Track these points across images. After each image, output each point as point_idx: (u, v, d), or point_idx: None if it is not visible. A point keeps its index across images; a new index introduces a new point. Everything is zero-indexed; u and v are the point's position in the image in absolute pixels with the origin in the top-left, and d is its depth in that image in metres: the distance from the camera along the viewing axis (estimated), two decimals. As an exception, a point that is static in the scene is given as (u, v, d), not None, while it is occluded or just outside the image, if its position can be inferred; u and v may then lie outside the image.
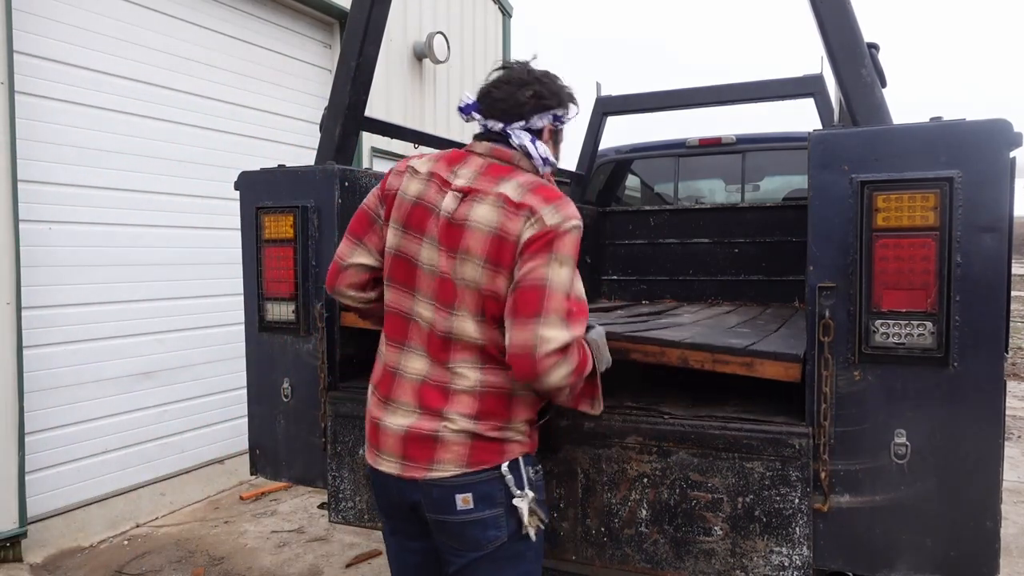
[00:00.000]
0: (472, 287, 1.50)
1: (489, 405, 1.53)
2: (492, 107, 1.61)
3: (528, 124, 1.60)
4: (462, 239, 1.51)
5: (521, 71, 1.62)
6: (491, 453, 1.52)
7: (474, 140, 1.66)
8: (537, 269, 1.45)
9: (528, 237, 1.46)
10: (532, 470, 1.59)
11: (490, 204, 1.50)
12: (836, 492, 1.66)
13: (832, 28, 1.81)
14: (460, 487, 1.51)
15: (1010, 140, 1.52)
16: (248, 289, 2.34)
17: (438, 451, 1.51)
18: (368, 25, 2.41)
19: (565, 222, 1.47)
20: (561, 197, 1.52)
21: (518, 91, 1.59)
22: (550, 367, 1.42)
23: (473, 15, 7.94)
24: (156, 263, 4.50)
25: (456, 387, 1.53)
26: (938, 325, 1.55)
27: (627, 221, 4.07)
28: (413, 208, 1.59)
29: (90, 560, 3.74)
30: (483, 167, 1.58)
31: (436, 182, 1.58)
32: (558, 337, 1.42)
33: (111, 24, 4.23)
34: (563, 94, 1.64)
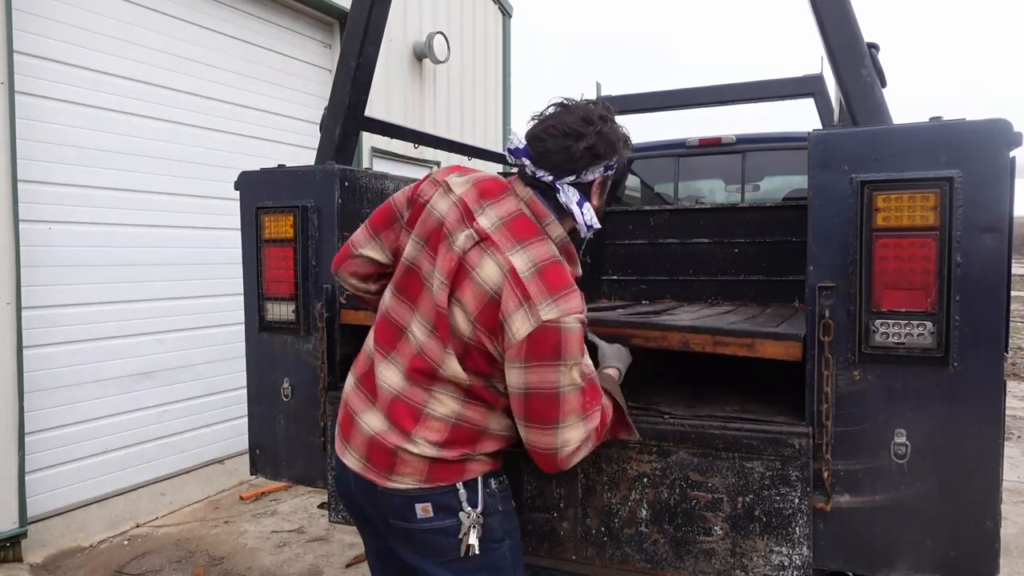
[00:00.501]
0: (458, 335, 1.49)
1: (458, 435, 1.52)
2: (543, 158, 1.52)
3: (579, 179, 1.52)
4: (462, 287, 1.47)
5: (577, 118, 1.51)
6: (449, 473, 1.52)
7: (519, 178, 1.58)
8: (547, 377, 1.42)
9: (522, 333, 1.40)
10: (495, 482, 1.59)
11: (497, 265, 1.45)
12: (836, 492, 1.66)
13: (832, 28, 1.81)
14: (419, 498, 1.52)
15: (1010, 140, 1.52)
16: (248, 289, 2.34)
17: (397, 465, 1.52)
18: (368, 25, 2.41)
19: (563, 318, 1.40)
20: (567, 287, 1.44)
21: (574, 144, 1.49)
22: (574, 460, 1.52)
23: (473, 15, 7.94)
24: (156, 263, 4.51)
25: (430, 411, 1.52)
26: (938, 325, 1.55)
27: (627, 221, 4.06)
28: (436, 228, 1.54)
29: (90, 560, 3.74)
30: (511, 216, 1.51)
31: (461, 209, 1.52)
32: (578, 436, 1.49)
33: (111, 24, 4.23)
34: (619, 145, 1.56)
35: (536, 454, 1.51)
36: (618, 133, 1.57)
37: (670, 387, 2.30)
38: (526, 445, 1.52)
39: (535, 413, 1.46)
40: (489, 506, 1.56)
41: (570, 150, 1.50)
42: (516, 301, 1.41)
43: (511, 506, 1.64)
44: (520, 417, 1.49)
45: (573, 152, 1.50)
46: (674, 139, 4.91)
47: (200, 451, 4.84)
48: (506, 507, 1.61)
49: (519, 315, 1.41)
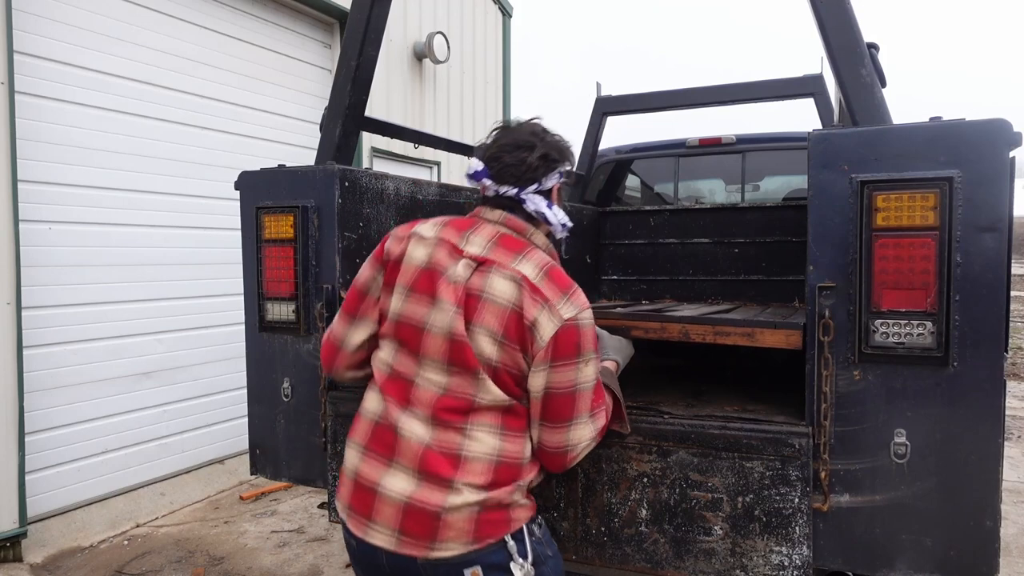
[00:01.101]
0: (484, 360, 1.46)
1: (502, 474, 1.48)
2: (503, 173, 1.57)
3: (541, 187, 1.59)
4: (476, 311, 1.47)
5: (524, 133, 1.60)
6: (497, 526, 1.46)
7: (482, 206, 1.63)
8: (566, 375, 1.47)
9: (549, 335, 1.44)
10: (537, 528, 1.55)
11: (508, 279, 1.47)
12: (836, 492, 1.66)
13: (832, 28, 1.81)
14: (467, 563, 1.43)
15: (1010, 140, 1.52)
16: (248, 289, 2.34)
17: (441, 530, 1.41)
18: (368, 25, 2.41)
19: (579, 315, 1.48)
20: (572, 285, 1.52)
21: (528, 154, 1.57)
22: (579, 459, 1.57)
23: (473, 15, 7.94)
24: (156, 263, 4.51)
25: (468, 453, 1.45)
26: (938, 325, 1.55)
27: (627, 221, 4.06)
28: (422, 272, 1.53)
29: (90, 560, 3.74)
30: (496, 237, 1.55)
31: (446, 248, 1.53)
32: (587, 435, 1.54)
33: (111, 24, 4.23)
34: (567, 150, 1.65)
35: (546, 453, 1.54)
36: (563, 141, 1.66)
37: (670, 387, 2.30)
38: (537, 445, 1.54)
39: (552, 412, 1.50)
40: (539, 554, 1.52)
41: (526, 161, 1.57)
42: (538, 305, 1.46)
43: (556, 548, 1.62)
44: (537, 418, 1.52)
45: (530, 162, 1.57)
46: (674, 139, 4.91)
47: (200, 451, 4.84)
48: (553, 550, 1.59)
49: (543, 317, 1.45)
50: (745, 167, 4.82)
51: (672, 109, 4.19)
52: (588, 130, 4.42)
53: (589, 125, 4.41)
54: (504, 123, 1.66)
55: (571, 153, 1.67)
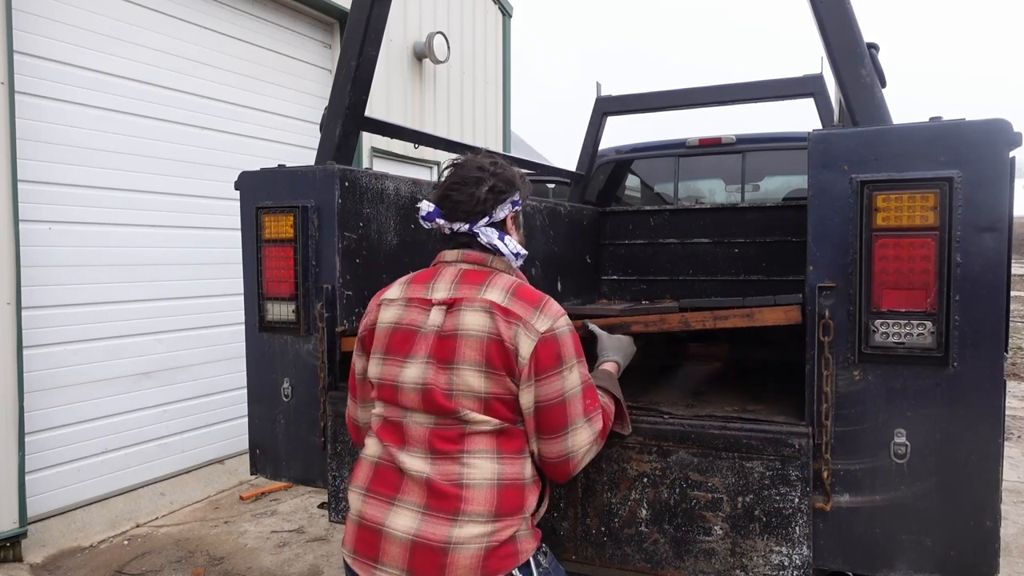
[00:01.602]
0: (471, 396, 1.47)
1: (507, 501, 1.47)
2: (454, 211, 1.61)
3: (492, 219, 1.61)
4: (455, 350, 1.48)
5: (472, 168, 1.63)
6: (504, 560, 1.45)
7: (441, 252, 1.66)
8: (553, 386, 1.49)
9: (529, 352, 1.47)
10: (543, 558, 1.55)
11: (480, 311, 1.50)
12: (836, 492, 1.66)
13: (832, 28, 1.81)
14: None
15: (1010, 140, 1.52)
16: (248, 289, 2.34)
17: (449, 567, 1.40)
18: (368, 25, 2.41)
19: (555, 325, 1.50)
20: (542, 298, 1.54)
21: (476, 189, 1.60)
22: (584, 464, 1.57)
23: (473, 15, 7.94)
24: (156, 263, 4.51)
25: (468, 482, 1.45)
26: (938, 325, 1.55)
27: (627, 221, 4.07)
28: (393, 332, 1.57)
29: (90, 560, 3.74)
30: (459, 276, 1.58)
31: (415, 305, 1.58)
32: (586, 439, 1.54)
33: (111, 24, 4.23)
34: (516, 180, 1.66)
35: (549, 464, 1.55)
36: (512, 171, 1.68)
37: (670, 387, 2.30)
38: (539, 460, 1.55)
39: (546, 425, 1.51)
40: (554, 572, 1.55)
41: (475, 195, 1.60)
42: (512, 326, 1.48)
43: (563, 572, 1.63)
44: (533, 434, 1.53)
45: (478, 196, 1.60)
46: (674, 139, 4.91)
47: (200, 451, 4.84)
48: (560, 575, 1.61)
49: (520, 335, 1.48)
50: (745, 167, 4.82)
51: (672, 109, 4.19)
52: (588, 130, 4.42)
53: (589, 125, 4.41)
54: (454, 161, 1.68)
55: (522, 182, 1.69)
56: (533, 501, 1.55)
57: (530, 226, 3.24)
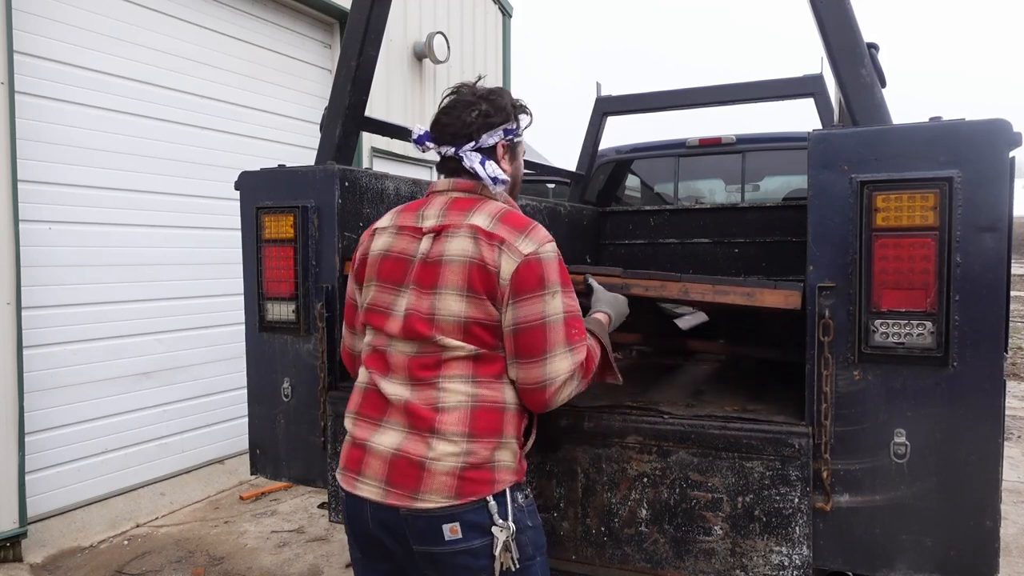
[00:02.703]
0: (452, 320, 1.49)
1: (481, 421, 1.49)
2: (442, 133, 1.63)
3: (479, 144, 1.61)
4: (439, 275, 1.51)
5: (467, 93, 1.64)
6: (479, 485, 1.47)
7: (433, 183, 1.68)
8: (532, 308, 1.49)
9: (510, 272, 1.48)
10: (522, 496, 1.56)
11: (464, 236, 1.51)
12: (836, 492, 1.66)
13: (832, 28, 1.81)
14: (446, 518, 1.46)
15: (1010, 140, 1.52)
16: (248, 289, 2.34)
17: (424, 480, 1.45)
18: (368, 25, 2.41)
19: (540, 249, 1.51)
20: (529, 223, 1.55)
21: (464, 113, 1.60)
22: (562, 395, 1.54)
23: (473, 15, 7.94)
24: (156, 263, 4.51)
25: (443, 404, 1.49)
26: (938, 325, 1.55)
27: (627, 221, 4.07)
28: (383, 260, 1.60)
29: (90, 560, 3.74)
30: (448, 203, 1.59)
31: (407, 233, 1.60)
32: (565, 368, 1.52)
33: (111, 24, 4.23)
34: (510, 108, 1.65)
35: (526, 391, 1.53)
36: (506, 99, 1.66)
37: (670, 387, 2.30)
38: (518, 384, 1.54)
39: (524, 348, 1.50)
40: (519, 521, 1.52)
41: (462, 119, 1.60)
42: (496, 248, 1.49)
43: (539, 521, 1.62)
44: (511, 356, 1.53)
45: (466, 120, 1.60)
46: (674, 139, 4.91)
47: (200, 451, 4.84)
48: (535, 522, 1.59)
49: (503, 258, 1.49)
50: (745, 167, 4.82)
51: (672, 109, 4.19)
52: (588, 130, 4.42)
53: (589, 125, 4.41)
54: (455, 87, 1.67)
55: (518, 110, 1.67)
56: (514, 428, 1.55)
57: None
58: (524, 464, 1.61)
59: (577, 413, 1.87)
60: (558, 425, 1.88)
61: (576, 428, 1.88)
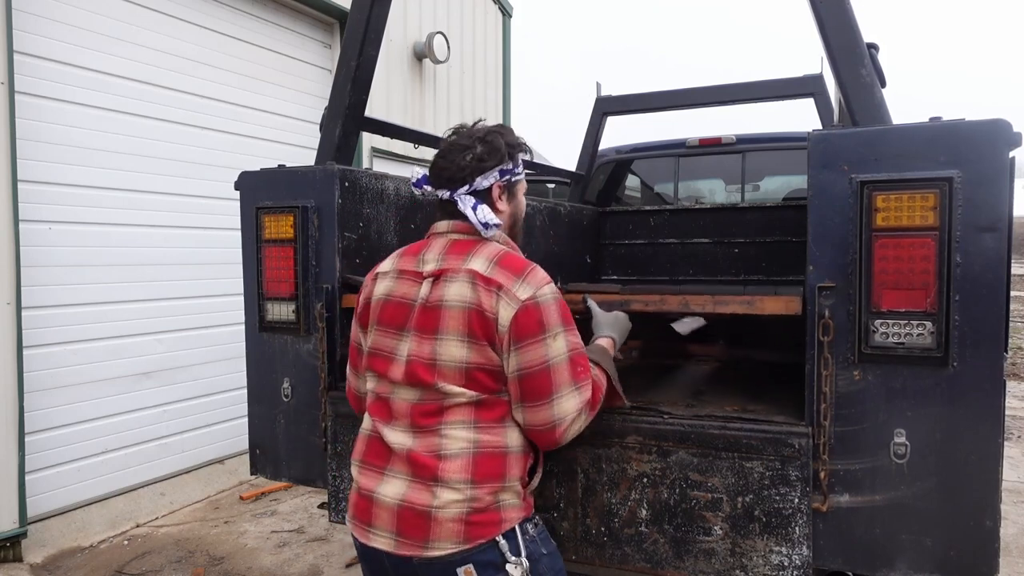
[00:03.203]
0: (454, 366, 1.50)
1: (483, 467, 1.50)
2: (438, 178, 1.64)
3: (473, 187, 1.61)
4: (439, 320, 1.51)
5: (463, 136, 1.65)
6: (488, 527, 1.49)
7: (433, 224, 1.68)
8: (535, 353, 1.49)
9: (509, 319, 1.48)
10: (532, 527, 1.57)
11: (462, 281, 1.52)
12: (835, 492, 1.66)
13: (832, 28, 1.81)
14: (459, 562, 1.47)
15: (1010, 140, 1.52)
16: (248, 289, 2.34)
17: (433, 529, 1.47)
18: (368, 25, 2.41)
19: (537, 293, 1.50)
20: (527, 266, 1.54)
21: (458, 157, 1.62)
22: (570, 433, 1.55)
23: (473, 15, 7.94)
24: (156, 263, 4.51)
25: (446, 452, 1.50)
26: (938, 325, 1.55)
27: (627, 221, 4.07)
28: (385, 305, 1.61)
29: (90, 560, 3.74)
30: (447, 246, 1.60)
31: (407, 277, 1.61)
32: (573, 407, 1.53)
33: (111, 24, 4.23)
34: (504, 149, 1.64)
35: (535, 432, 1.55)
36: (500, 141, 1.65)
37: (670, 387, 2.30)
38: (525, 428, 1.55)
39: (529, 392, 1.51)
40: (533, 552, 1.54)
41: (456, 163, 1.62)
42: (493, 295, 1.49)
43: (553, 546, 1.63)
44: (517, 402, 1.53)
45: (460, 164, 1.61)
46: (674, 139, 4.90)
47: (200, 451, 4.84)
48: (549, 548, 1.60)
49: (501, 304, 1.49)
50: (745, 167, 4.82)
51: (672, 109, 4.19)
52: (588, 130, 4.41)
53: (589, 125, 4.41)
54: (455, 128, 1.70)
55: (512, 151, 1.66)
56: (518, 470, 1.56)
57: (530, 226, 3.24)
58: (531, 500, 1.62)
59: (577, 413, 1.86)
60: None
61: (576, 428, 1.87)
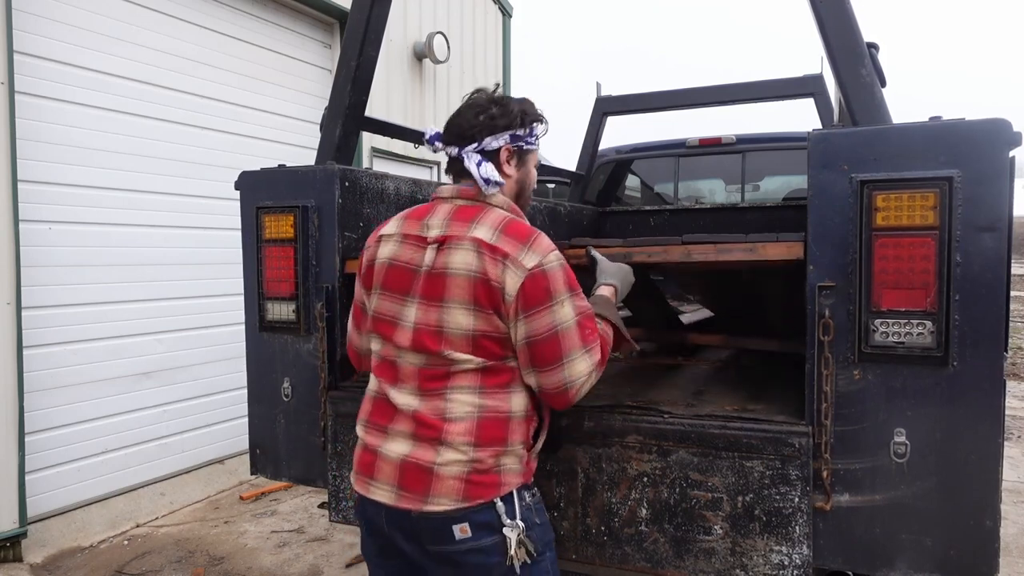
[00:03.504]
0: (461, 333, 1.51)
1: (487, 430, 1.52)
2: (448, 133, 1.65)
3: (481, 146, 1.61)
4: (445, 288, 1.52)
5: (480, 97, 1.66)
6: (487, 488, 1.51)
7: (438, 188, 1.69)
8: (543, 320, 1.49)
9: (516, 288, 1.48)
10: (529, 495, 1.59)
11: (467, 249, 1.51)
12: (836, 491, 1.66)
13: (832, 28, 1.81)
14: (456, 519, 1.50)
15: (1010, 140, 1.52)
16: (248, 289, 2.35)
17: (434, 484, 1.50)
18: (368, 25, 2.41)
19: (543, 260, 1.50)
20: (532, 233, 1.53)
21: (472, 115, 1.62)
22: (583, 392, 1.56)
23: (473, 15, 7.94)
24: (156, 263, 4.51)
25: (451, 415, 1.52)
26: (938, 324, 1.55)
27: (627, 221, 4.07)
28: (389, 269, 1.62)
29: (90, 560, 3.74)
30: (452, 212, 1.59)
31: (411, 242, 1.60)
32: (584, 369, 1.54)
33: (111, 24, 4.23)
34: (517, 113, 1.64)
35: (548, 395, 1.56)
36: (518, 107, 1.65)
37: (670, 387, 2.30)
38: (537, 390, 1.56)
39: (540, 358, 1.52)
40: (528, 519, 1.56)
41: (469, 120, 1.62)
42: (499, 263, 1.49)
43: (546, 518, 1.64)
44: (527, 367, 1.54)
45: (472, 122, 1.62)
46: (674, 139, 4.91)
47: (200, 451, 4.84)
48: (542, 519, 1.61)
49: (508, 273, 1.49)
50: (745, 167, 4.82)
51: (672, 109, 4.19)
52: (588, 130, 4.42)
53: (589, 125, 4.41)
54: (474, 91, 1.69)
55: (529, 117, 1.66)
56: (521, 434, 1.57)
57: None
58: (533, 465, 1.63)
59: (577, 413, 1.87)
60: (558, 425, 1.87)
61: (576, 428, 1.88)
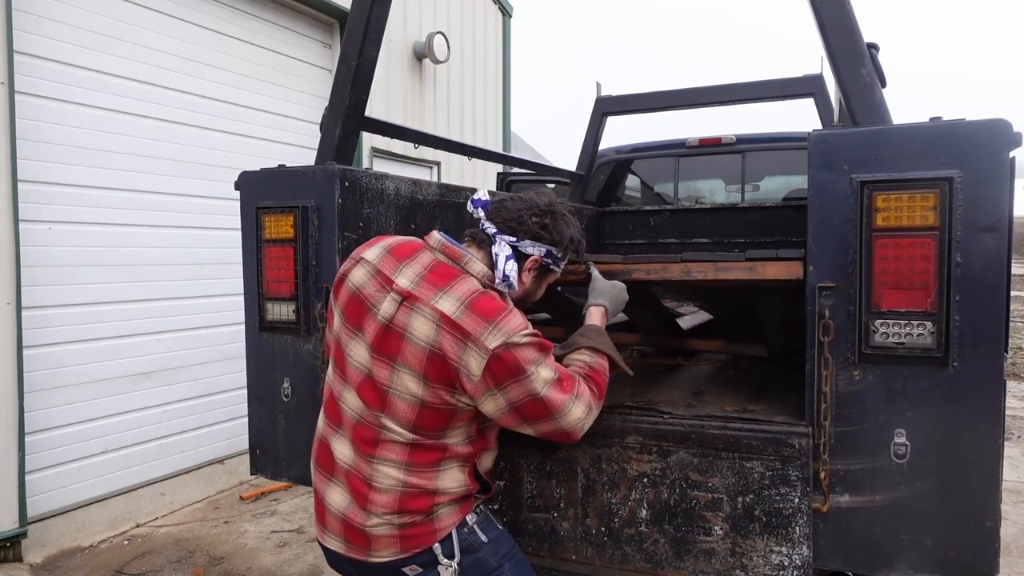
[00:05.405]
0: (409, 399, 1.50)
1: (409, 503, 1.53)
2: (497, 213, 1.64)
3: (519, 243, 1.61)
4: (400, 349, 1.50)
5: (542, 199, 1.66)
6: (422, 538, 1.55)
7: (431, 233, 1.64)
8: (521, 389, 1.47)
9: (480, 368, 1.44)
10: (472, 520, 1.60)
11: (427, 318, 1.48)
12: (836, 492, 1.66)
13: (832, 28, 1.81)
14: (403, 563, 1.56)
15: (1010, 140, 1.52)
16: (248, 289, 2.34)
17: (372, 542, 1.55)
18: (368, 25, 2.41)
19: (511, 339, 1.44)
20: (501, 311, 1.47)
21: (527, 214, 1.62)
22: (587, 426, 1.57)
23: (473, 15, 7.94)
24: (156, 263, 4.51)
25: (377, 485, 1.53)
26: (938, 325, 1.55)
27: (627, 221, 4.07)
28: (351, 296, 1.60)
29: (90, 560, 3.74)
30: (429, 267, 1.55)
31: (380, 279, 1.56)
32: (580, 412, 1.54)
33: (111, 24, 4.23)
34: (565, 238, 1.66)
35: (552, 439, 1.58)
36: (569, 231, 1.67)
37: (670, 387, 2.30)
38: (540, 437, 1.57)
39: (530, 415, 1.51)
40: (472, 543, 1.58)
41: (522, 216, 1.62)
42: (460, 344, 1.45)
43: (499, 529, 1.65)
44: (519, 425, 1.53)
45: (523, 219, 1.62)
46: (674, 139, 4.90)
47: (200, 451, 4.84)
48: (492, 534, 1.62)
49: (469, 355, 1.44)
50: (745, 167, 4.82)
51: (672, 109, 4.18)
52: (588, 130, 4.41)
53: (589, 125, 4.41)
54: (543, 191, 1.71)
55: (570, 243, 1.68)
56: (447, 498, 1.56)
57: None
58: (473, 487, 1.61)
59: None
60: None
61: (576, 428, 1.87)
